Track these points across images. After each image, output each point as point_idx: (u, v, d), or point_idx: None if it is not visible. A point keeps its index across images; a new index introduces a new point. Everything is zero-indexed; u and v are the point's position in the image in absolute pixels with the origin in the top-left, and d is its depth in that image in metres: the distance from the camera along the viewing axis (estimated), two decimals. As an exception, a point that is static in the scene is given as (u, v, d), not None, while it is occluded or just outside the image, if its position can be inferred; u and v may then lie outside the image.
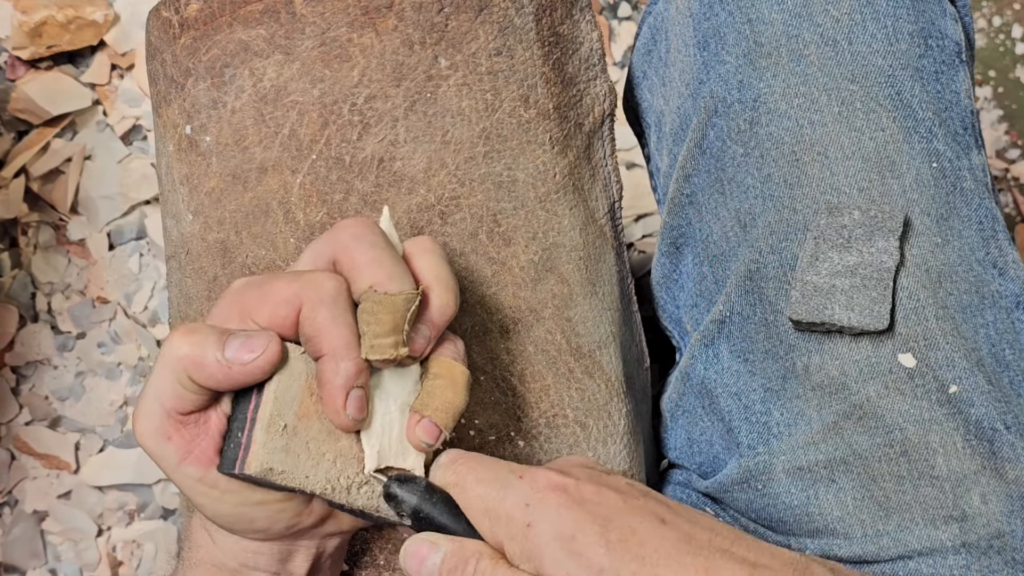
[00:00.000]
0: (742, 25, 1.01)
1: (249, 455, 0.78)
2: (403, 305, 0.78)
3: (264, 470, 0.78)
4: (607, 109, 1.06)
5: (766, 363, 1.00)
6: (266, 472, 0.78)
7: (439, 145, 0.97)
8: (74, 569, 1.61)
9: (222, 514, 0.83)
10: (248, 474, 0.78)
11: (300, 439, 0.79)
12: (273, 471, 0.78)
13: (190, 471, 0.81)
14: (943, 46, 1.01)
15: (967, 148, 1.00)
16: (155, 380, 0.80)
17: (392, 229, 0.83)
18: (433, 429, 0.80)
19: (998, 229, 0.99)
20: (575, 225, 1.01)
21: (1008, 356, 0.96)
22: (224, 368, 0.77)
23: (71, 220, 1.70)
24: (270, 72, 0.97)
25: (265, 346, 0.77)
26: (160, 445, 0.81)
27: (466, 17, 0.97)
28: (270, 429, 0.78)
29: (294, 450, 0.79)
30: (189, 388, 0.79)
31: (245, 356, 0.77)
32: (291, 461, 0.79)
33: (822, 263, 0.94)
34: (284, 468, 0.78)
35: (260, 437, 0.78)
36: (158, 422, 0.80)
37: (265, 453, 0.78)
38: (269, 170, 0.97)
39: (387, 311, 0.78)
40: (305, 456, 0.79)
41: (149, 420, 0.81)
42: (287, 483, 0.79)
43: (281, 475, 0.78)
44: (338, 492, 0.80)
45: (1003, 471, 0.93)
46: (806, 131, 0.98)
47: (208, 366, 0.77)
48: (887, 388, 0.94)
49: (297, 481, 0.79)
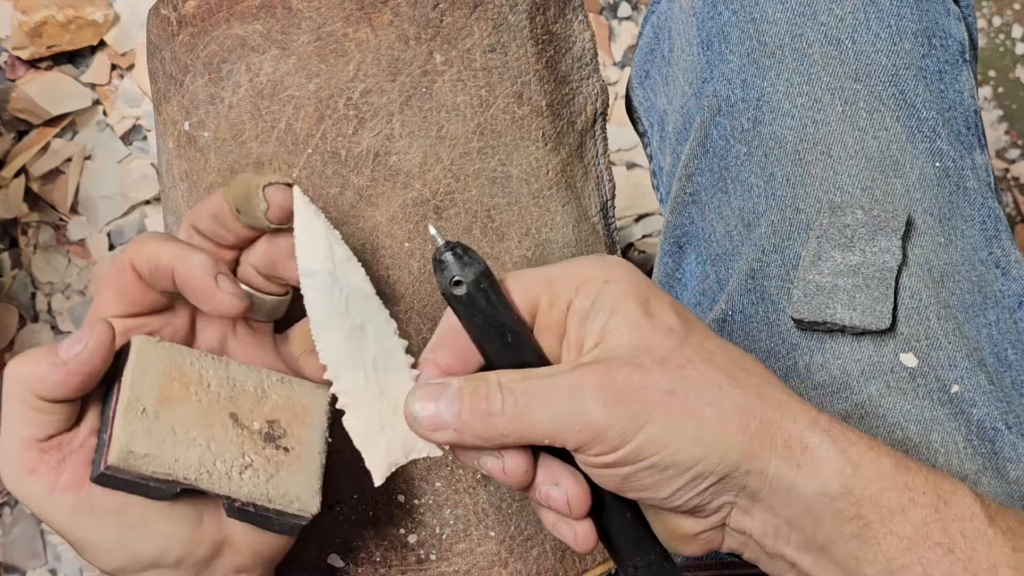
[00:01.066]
0: (746, 24, 1.01)
1: (111, 445, 0.75)
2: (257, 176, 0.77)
3: (125, 453, 0.75)
4: (599, 108, 1.07)
5: (768, 362, 0.99)
6: (128, 456, 0.75)
7: (434, 140, 0.97)
8: (74, 569, 1.61)
9: (107, 548, 0.79)
10: (112, 465, 0.75)
11: (164, 423, 0.77)
12: (135, 454, 0.75)
13: (63, 500, 0.77)
14: (947, 46, 1.01)
15: (970, 148, 1.00)
16: (5, 415, 0.77)
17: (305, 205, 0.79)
18: None
19: (1001, 229, 0.99)
20: (568, 222, 1.01)
21: (1010, 356, 0.96)
22: (60, 368, 0.75)
23: (71, 220, 1.70)
24: (266, 67, 0.97)
25: (90, 332, 0.75)
26: (25, 481, 0.77)
27: (461, 13, 0.98)
28: (128, 414, 0.76)
29: (158, 434, 0.76)
30: (41, 408, 0.76)
31: (75, 348, 0.75)
32: (155, 444, 0.76)
33: (824, 262, 0.94)
34: (147, 451, 0.75)
35: (119, 423, 0.75)
36: (17, 457, 0.77)
37: (124, 437, 0.75)
38: (266, 165, 0.98)
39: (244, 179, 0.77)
40: (172, 440, 0.76)
41: (7, 459, 0.78)
42: (155, 469, 0.75)
43: (145, 459, 0.75)
44: (216, 478, 0.77)
45: (1005, 471, 0.93)
46: (809, 130, 0.98)
47: (47, 374, 0.75)
48: (889, 388, 0.94)
49: (167, 466, 0.76)
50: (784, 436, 0.70)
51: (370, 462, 0.76)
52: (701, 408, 0.69)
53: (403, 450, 0.76)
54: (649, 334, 0.71)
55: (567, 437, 0.70)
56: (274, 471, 0.79)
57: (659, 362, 0.70)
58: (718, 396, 0.70)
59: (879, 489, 0.71)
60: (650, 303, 0.71)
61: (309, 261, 0.75)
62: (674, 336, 0.71)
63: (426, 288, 0.97)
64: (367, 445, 0.76)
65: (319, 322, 0.75)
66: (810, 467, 0.70)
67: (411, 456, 0.76)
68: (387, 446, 0.76)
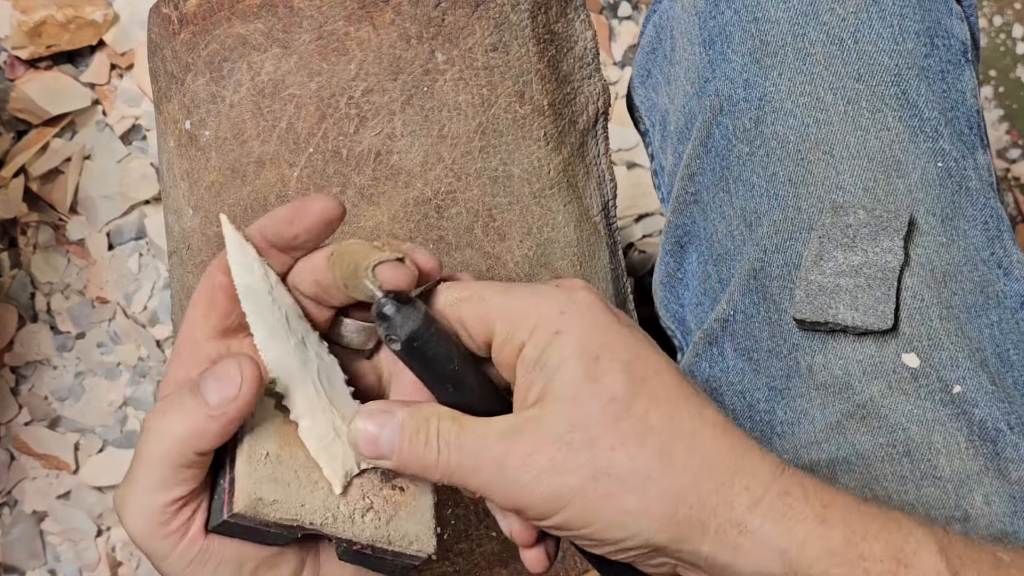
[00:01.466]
0: (748, 23, 1.01)
1: (235, 492, 0.73)
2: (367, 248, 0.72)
3: (254, 501, 0.72)
4: (601, 108, 1.07)
5: (770, 362, 0.99)
6: (256, 503, 0.72)
7: (436, 139, 0.97)
8: (74, 569, 1.60)
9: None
10: (238, 513, 0.72)
11: (287, 467, 0.75)
12: (263, 501, 0.73)
13: (187, 555, 0.75)
14: (949, 45, 1.01)
15: (972, 148, 1.00)
16: (145, 472, 0.73)
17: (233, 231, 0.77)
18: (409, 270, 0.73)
19: (1003, 229, 0.99)
20: (569, 221, 1.01)
21: (1012, 356, 0.96)
22: (220, 419, 0.71)
23: (70, 220, 1.69)
24: (268, 66, 0.97)
25: (240, 371, 0.72)
26: (157, 542, 0.74)
27: (463, 12, 0.98)
28: (251, 460, 0.74)
29: (283, 479, 0.74)
30: (195, 464, 0.73)
31: (230, 391, 0.71)
32: (282, 490, 0.74)
33: (827, 262, 0.94)
34: (276, 497, 0.73)
35: (243, 470, 0.73)
36: (157, 517, 0.74)
37: (251, 484, 0.73)
38: (267, 164, 0.98)
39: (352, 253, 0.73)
40: (296, 484, 0.74)
41: (147, 516, 0.74)
42: (281, 515, 0.73)
43: (273, 505, 0.73)
44: (341, 522, 0.75)
45: (1006, 472, 0.92)
46: (812, 130, 0.98)
47: (207, 429, 0.71)
48: (891, 388, 0.94)
49: (293, 511, 0.74)
50: (719, 521, 0.70)
51: (327, 470, 0.76)
52: (624, 495, 0.69)
53: (357, 458, 0.77)
54: (586, 405, 0.70)
55: (496, 500, 0.71)
56: (393, 512, 0.78)
57: (588, 442, 0.70)
58: (644, 483, 0.69)
59: (827, 566, 0.70)
60: (599, 363, 0.70)
61: (248, 279, 0.74)
62: (613, 408, 0.70)
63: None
64: (324, 454, 0.76)
65: (265, 337, 0.75)
66: (748, 550, 0.70)
67: (364, 465, 0.77)
68: (343, 453, 0.76)
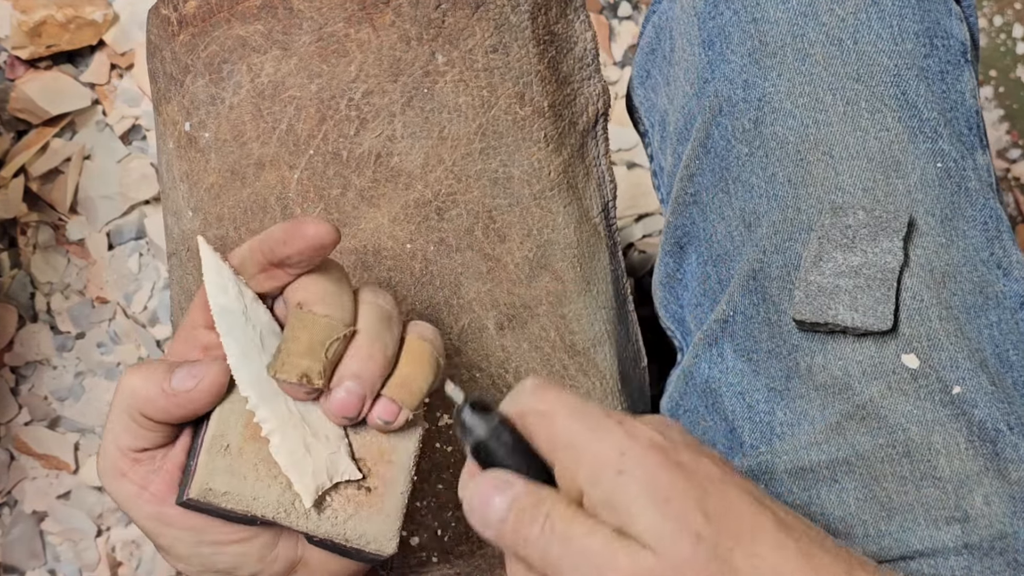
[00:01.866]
0: (747, 24, 1.01)
1: (192, 479, 0.77)
2: (323, 329, 0.76)
3: (204, 491, 0.76)
4: (601, 109, 1.07)
5: (770, 363, 0.99)
6: (206, 493, 0.76)
7: (436, 141, 0.97)
8: (73, 569, 1.60)
9: (181, 556, 0.81)
10: (192, 498, 0.77)
11: (247, 460, 0.78)
12: (214, 491, 0.76)
13: (145, 509, 0.80)
14: (948, 46, 1.01)
15: (972, 148, 1.00)
16: (111, 419, 0.80)
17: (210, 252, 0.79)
18: (391, 407, 0.77)
19: (1002, 229, 0.99)
20: (569, 223, 1.01)
21: (1012, 357, 0.96)
22: (169, 397, 0.77)
23: (70, 220, 1.69)
24: (267, 67, 0.97)
25: (205, 372, 0.77)
26: (115, 483, 0.80)
27: (463, 13, 0.98)
28: (211, 450, 0.77)
29: (240, 471, 0.77)
30: (142, 424, 0.78)
31: (188, 383, 0.76)
32: (236, 482, 0.77)
33: (826, 263, 0.94)
34: (227, 489, 0.77)
35: (203, 459, 0.77)
36: (112, 460, 0.80)
37: (206, 474, 0.77)
38: (267, 165, 0.98)
39: (306, 330, 0.76)
40: (254, 477, 0.77)
41: (105, 458, 0.81)
42: (233, 506, 0.77)
43: (224, 496, 0.77)
44: (295, 517, 0.78)
45: (1006, 472, 0.93)
46: (811, 131, 0.98)
47: (156, 398, 0.77)
48: (890, 389, 0.94)
49: (244, 503, 0.77)
50: None
51: (299, 485, 0.77)
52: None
53: (327, 473, 0.78)
54: (671, 548, 0.67)
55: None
56: (353, 511, 0.79)
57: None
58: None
59: None
60: (671, 503, 0.68)
61: (222, 299, 0.77)
62: (703, 546, 0.67)
63: (427, 290, 0.98)
64: (295, 469, 0.77)
65: (237, 356, 0.77)
66: None
67: (335, 479, 0.78)
68: (313, 469, 0.78)
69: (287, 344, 0.76)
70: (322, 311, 0.76)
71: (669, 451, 0.69)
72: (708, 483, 0.69)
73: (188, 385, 0.76)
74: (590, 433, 0.70)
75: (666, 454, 0.69)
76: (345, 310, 0.77)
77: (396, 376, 0.78)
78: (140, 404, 0.77)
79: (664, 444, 0.70)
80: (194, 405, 0.77)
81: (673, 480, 0.68)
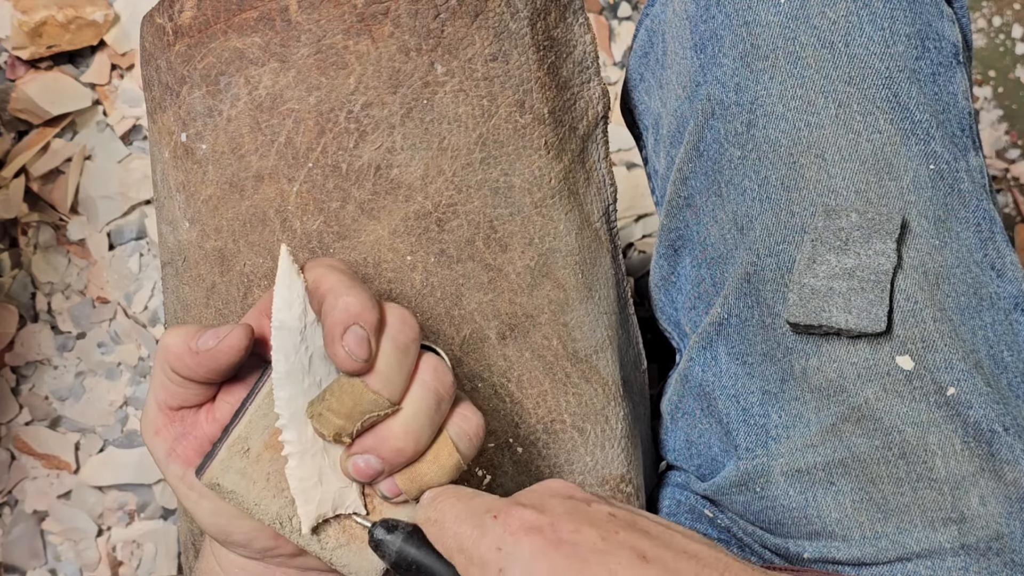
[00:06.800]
0: (739, 28, 1.01)
1: (209, 465, 0.79)
2: (368, 403, 0.76)
3: (212, 484, 0.78)
4: (600, 112, 1.06)
5: (764, 365, 1.00)
6: (213, 486, 0.78)
7: (436, 152, 0.97)
8: (74, 569, 1.61)
9: (200, 519, 0.82)
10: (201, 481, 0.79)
11: (262, 467, 0.79)
12: (221, 487, 0.78)
13: (173, 468, 0.81)
14: (940, 48, 1.01)
15: (964, 150, 1.00)
16: (152, 375, 0.81)
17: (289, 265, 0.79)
18: (395, 488, 0.78)
19: (996, 231, 0.99)
20: (571, 230, 1.01)
21: (1006, 358, 0.96)
22: (193, 355, 0.78)
23: (71, 220, 1.69)
24: (266, 80, 0.97)
25: (229, 332, 0.78)
26: (152, 439, 0.82)
27: (462, 23, 0.97)
28: (232, 448, 0.79)
29: (250, 476, 0.79)
30: (174, 380, 0.80)
31: (211, 342, 0.78)
32: (244, 485, 0.79)
33: (819, 266, 0.94)
34: (234, 489, 0.78)
35: (223, 454, 0.79)
36: (151, 417, 0.82)
37: (219, 469, 0.78)
38: (266, 178, 0.97)
39: (351, 397, 0.76)
40: (262, 485, 0.79)
41: (146, 415, 0.82)
42: (235, 505, 0.79)
43: (230, 494, 0.78)
44: (289, 529, 0.79)
45: (1001, 473, 0.93)
46: (803, 133, 0.98)
47: (183, 355, 0.78)
48: (885, 390, 0.95)
49: (245, 506, 0.79)
50: None
51: (302, 510, 0.79)
52: None
53: (332, 505, 0.79)
54: None
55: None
56: (345, 542, 0.81)
57: None
58: None
59: None
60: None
61: (284, 315, 0.77)
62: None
63: (428, 302, 0.97)
64: (302, 495, 0.79)
65: (281, 374, 0.77)
66: None
67: (338, 511, 0.80)
68: (320, 499, 0.79)
69: (330, 400, 0.77)
70: (374, 387, 0.76)
71: (547, 530, 0.71)
72: (589, 554, 0.70)
73: (210, 344, 0.77)
74: (475, 533, 0.72)
75: (543, 535, 0.71)
76: (396, 390, 0.77)
77: (414, 467, 0.78)
78: (172, 360, 0.79)
79: (541, 524, 0.71)
80: (215, 363, 0.78)
81: (552, 564, 0.69)
